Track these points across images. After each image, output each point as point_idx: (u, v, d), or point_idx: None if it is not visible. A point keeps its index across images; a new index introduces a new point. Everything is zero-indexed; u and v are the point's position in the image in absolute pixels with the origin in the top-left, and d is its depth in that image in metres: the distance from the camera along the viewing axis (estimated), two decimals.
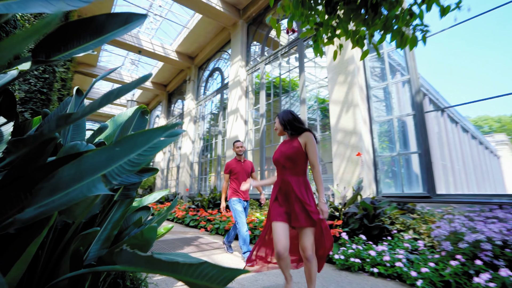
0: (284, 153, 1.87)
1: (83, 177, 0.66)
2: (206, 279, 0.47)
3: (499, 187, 15.96)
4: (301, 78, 6.04)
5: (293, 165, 1.83)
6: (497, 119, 39.08)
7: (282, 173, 1.88)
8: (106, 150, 0.67)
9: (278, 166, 1.92)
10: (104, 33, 0.92)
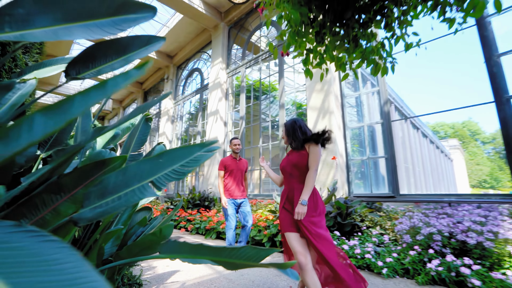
0: (290, 161, 1.84)
1: (130, 183, 0.81)
2: (244, 259, 0.65)
3: (451, 187, 17.73)
4: (281, 84, 6.32)
5: (299, 173, 1.80)
6: (451, 126, 43.09)
7: (289, 181, 1.86)
8: (150, 161, 0.83)
9: (285, 174, 1.90)
10: (128, 52, 1.05)
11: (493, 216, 2.57)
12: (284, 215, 1.81)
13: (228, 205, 3.15)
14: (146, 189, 0.77)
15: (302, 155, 1.81)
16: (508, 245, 2.14)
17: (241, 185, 3.30)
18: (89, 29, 0.81)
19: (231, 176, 3.25)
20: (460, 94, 72.67)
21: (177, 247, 0.77)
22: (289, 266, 0.67)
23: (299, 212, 1.66)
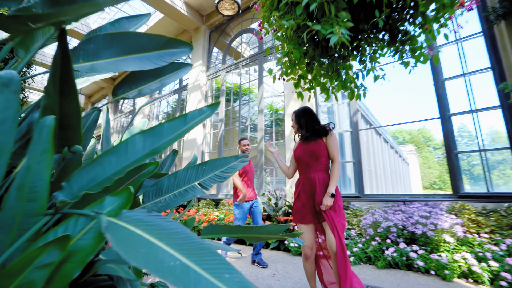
0: (307, 150, 1.82)
1: (180, 185, 1.08)
2: (268, 233, 0.96)
3: (407, 188, 19.63)
4: (260, 90, 6.69)
5: (316, 162, 1.78)
6: (409, 132, 47.13)
7: (305, 171, 1.83)
8: (195, 168, 1.11)
9: (301, 164, 1.86)
10: (162, 75, 1.32)
11: (435, 211, 3.18)
12: (298, 206, 1.82)
13: (239, 208, 3.07)
14: (196, 189, 1.05)
15: (319, 144, 1.79)
16: (444, 233, 2.72)
17: (253, 186, 3.29)
18: (141, 61, 1.08)
19: (245, 177, 3.18)
20: (418, 107, 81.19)
21: (215, 229, 1.05)
22: (299, 235, 1.01)
23: (327, 204, 1.66)
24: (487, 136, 22.70)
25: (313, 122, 1.89)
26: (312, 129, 1.86)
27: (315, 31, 1.40)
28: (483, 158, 3.76)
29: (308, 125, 1.88)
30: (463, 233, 2.76)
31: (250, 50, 7.30)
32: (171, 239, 0.62)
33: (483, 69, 3.78)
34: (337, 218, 1.69)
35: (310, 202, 1.79)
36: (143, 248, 0.55)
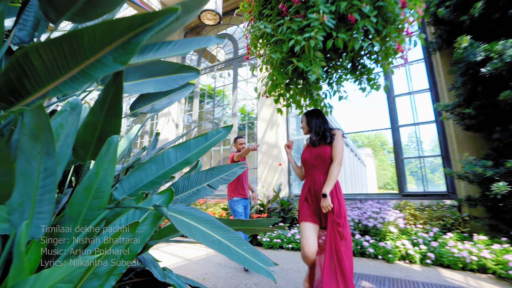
0: (314, 152, 1.83)
1: (193, 185, 1.36)
2: (260, 225, 1.28)
3: (364, 188, 21.41)
4: (234, 94, 6.98)
5: (322, 164, 1.78)
6: (367, 136, 50.87)
7: (311, 173, 1.83)
8: (205, 172, 1.39)
9: (308, 166, 1.86)
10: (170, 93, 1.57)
11: (384, 208, 3.79)
12: (304, 206, 1.79)
13: (238, 204, 3.06)
14: (206, 189, 1.33)
15: (325, 148, 1.80)
16: (390, 225, 3.31)
17: (247, 185, 3.26)
18: (158, 83, 1.34)
19: (241, 174, 3.13)
20: (375, 118, 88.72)
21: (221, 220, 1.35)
22: (285, 228, 1.35)
23: (325, 205, 1.63)
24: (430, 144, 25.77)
25: (323, 125, 1.89)
26: (321, 133, 1.86)
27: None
28: (421, 163, 4.53)
29: (317, 128, 1.88)
30: (404, 225, 3.38)
31: (226, 55, 7.54)
32: (206, 224, 0.94)
33: (424, 90, 4.55)
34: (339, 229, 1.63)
35: (315, 205, 1.76)
36: (192, 229, 0.86)
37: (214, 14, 4.05)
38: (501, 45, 2.69)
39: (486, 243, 2.72)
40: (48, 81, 0.57)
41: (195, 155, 1.13)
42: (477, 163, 2.96)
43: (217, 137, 1.17)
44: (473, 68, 3.09)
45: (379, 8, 1.56)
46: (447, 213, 3.57)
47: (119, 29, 0.49)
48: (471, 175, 3.03)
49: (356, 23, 1.56)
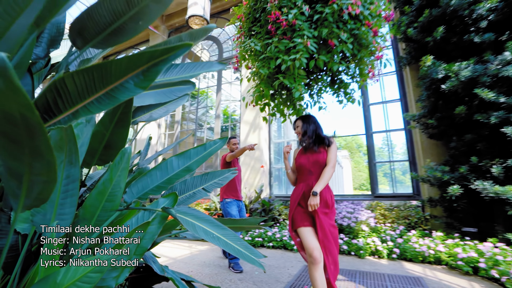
0: (311, 158, 1.82)
1: (189, 188, 1.50)
2: (249, 224, 1.45)
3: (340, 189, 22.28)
4: (218, 96, 7.09)
5: (319, 169, 1.79)
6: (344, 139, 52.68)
7: (307, 178, 1.82)
8: (200, 176, 1.54)
9: (304, 171, 1.84)
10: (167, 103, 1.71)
11: (357, 208, 4.12)
12: (298, 212, 1.77)
13: (231, 206, 2.99)
14: (201, 192, 1.48)
15: (322, 153, 1.81)
16: (362, 224, 3.62)
17: (241, 186, 3.21)
18: (158, 95, 1.48)
19: (236, 176, 3.07)
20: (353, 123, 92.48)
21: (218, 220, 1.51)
22: (270, 225, 1.54)
23: (312, 204, 1.64)
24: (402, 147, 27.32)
25: (317, 130, 1.91)
26: (317, 137, 1.87)
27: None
28: (392, 166, 4.95)
29: (314, 133, 1.88)
30: (374, 224, 3.71)
31: (210, 57, 7.62)
32: (206, 222, 1.10)
33: (395, 100, 4.97)
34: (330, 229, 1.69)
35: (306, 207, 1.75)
36: (196, 227, 1.02)
37: (202, 19, 4.16)
38: (457, 66, 3.08)
39: (442, 238, 3.10)
40: (77, 102, 0.71)
41: (195, 163, 1.28)
42: (437, 168, 3.34)
43: (214, 147, 1.33)
44: (435, 84, 3.48)
45: (355, 36, 1.80)
46: (412, 213, 3.96)
47: (142, 60, 0.65)
48: (432, 179, 3.41)
49: (335, 47, 1.78)
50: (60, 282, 0.80)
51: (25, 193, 0.74)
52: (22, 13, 0.69)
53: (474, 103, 3.05)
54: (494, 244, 2.57)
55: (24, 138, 0.58)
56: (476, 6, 3.09)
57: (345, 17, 1.68)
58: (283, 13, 1.77)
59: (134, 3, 0.90)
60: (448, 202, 3.27)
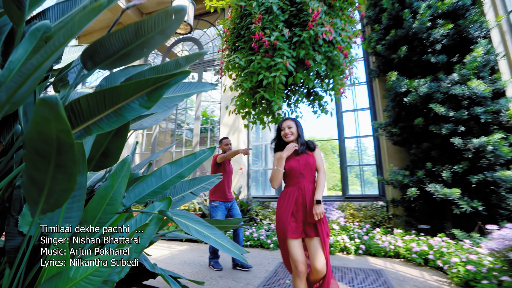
0: (301, 160, 1.80)
1: (178, 192, 1.65)
2: (231, 223, 1.63)
3: None
4: (198, 98, 7.15)
5: (310, 172, 1.79)
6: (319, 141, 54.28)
7: (298, 181, 1.77)
8: (188, 181, 1.69)
9: (295, 174, 1.79)
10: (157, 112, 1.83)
11: (329, 208, 4.44)
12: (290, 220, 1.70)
13: (217, 210, 2.96)
14: (189, 195, 1.63)
15: (311, 156, 1.81)
16: (333, 223, 3.94)
17: (231, 187, 3.15)
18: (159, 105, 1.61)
19: (223, 175, 2.99)
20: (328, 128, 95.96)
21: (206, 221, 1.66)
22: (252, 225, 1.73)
23: (318, 212, 1.62)
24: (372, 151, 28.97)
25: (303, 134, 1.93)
26: (305, 142, 1.89)
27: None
28: (361, 170, 5.37)
29: (303, 136, 1.91)
30: (344, 223, 4.04)
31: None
32: (197, 223, 1.27)
33: (365, 108, 5.40)
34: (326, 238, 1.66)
35: (301, 215, 1.70)
36: (189, 227, 1.18)
37: (186, 24, 4.24)
38: (416, 83, 3.49)
39: (401, 235, 3.49)
40: (88, 118, 0.85)
41: (187, 170, 1.43)
42: (399, 173, 3.74)
43: (203, 156, 1.49)
44: (399, 96, 3.88)
45: (328, 57, 2.05)
46: (378, 212, 4.36)
47: (148, 84, 0.81)
48: (395, 182, 3.81)
49: (311, 67, 2.01)
50: (73, 277, 0.93)
51: (44, 199, 0.86)
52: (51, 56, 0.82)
53: (430, 115, 3.48)
54: (442, 239, 2.97)
55: (53, 154, 0.72)
56: (433, 30, 3.52)
57: (320, 41, 1.92)
58: (266, 34, 1.97)
59: (141, 34, 1.04)
60: (407, 203, 3.68)
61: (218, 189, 2.98)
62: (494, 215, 3.00)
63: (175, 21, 1.02)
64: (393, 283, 2.38)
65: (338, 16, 2.13)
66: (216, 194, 2.98)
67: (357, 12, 2.31)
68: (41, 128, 0.66)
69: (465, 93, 3.13)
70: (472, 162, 3.12)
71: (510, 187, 2.93)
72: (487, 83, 3.18)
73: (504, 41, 3.37)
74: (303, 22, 1.99)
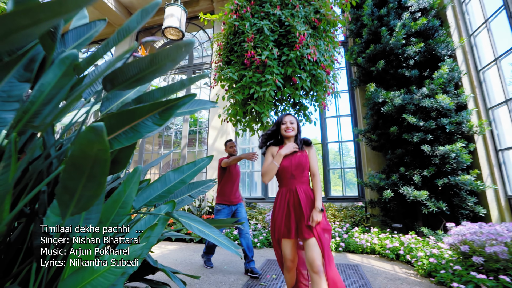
0: (293, 160, 1.75)
1: (178, 195, 1.83)
2: (225, 223, 1.83)
3: None
4: None
5: (301, 173, 1.75)
6: None
7: (289, 182, 1.76)
8: (187, 186, 1.87)
9: (285, 175, 1.77)
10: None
11: None
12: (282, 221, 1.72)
13: (220, 213, 2.99)
14: (188, 198, 1.81)
15: (304, 156, 1.76)
16: None
17: (238, 190, 3.10)
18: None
19: (228, 179, 3.01)
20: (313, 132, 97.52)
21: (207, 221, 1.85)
22: (242, 224, 1.92)
23: (317, 220, 1.60)
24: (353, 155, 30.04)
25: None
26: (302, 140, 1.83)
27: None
28: (342, 172, 5.71)
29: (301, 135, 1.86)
30: None
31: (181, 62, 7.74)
32: (198, 223, 1.46)
33: (347, 115, 5.75)
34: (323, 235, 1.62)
35: (293, 216, 1.70)
36: (192, 227, 1.38)
37: (178, 31, 4.39)
38: (392, 94, 3.84)
39: (377, 233, 3.81)
40: (111, 134, 1.04)
41: (188, 176, 1.61)
42: (376, 176, 4.08)
43: (202, 164, 1.68)
44: (377, 106, 4.23)
45: (313, 75, 2.30)
46: (357, 212, 4.69)
47: (160, 105, 1.01)
48: (372, 184, 4.14)
49: (298, 83, 2.25)
50: (97, 269, 1.10)
51: (74, 204, 1.04)
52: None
53: (404, 124, 3.83)
54: (412, 236, 3.31)
55: (88, 167, 0.90)
56: (407, 47, 3.88)
57: (306, 61, 2.16)
58: (257, 53, 2.19)
59: (155, 62, 1.23)
60: (383, 204, 4.02)
61: (222, 192, 3.00)
62: (456, 214, 3.38)
63: (185, 52, 1.23)
64: (368, 275, 2.67)
65: (321, 38, 2.38)
66: (220, 197, 2.99)
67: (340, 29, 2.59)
68: (85, 148, 0.84)
69: (434, 106, 3.50)
70: (439, 167, 3.49)
71: (469, 189, 3.32)
72: (451, 97, 3.57)
73: (466, 60, 3.78)
74: (291, 43, 2.23)
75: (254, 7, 2.34)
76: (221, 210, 2.98)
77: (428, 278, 2.50)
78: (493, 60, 3.48)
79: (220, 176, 3.07)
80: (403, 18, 4.04)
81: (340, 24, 2.59)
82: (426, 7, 4.06)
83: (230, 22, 2.38)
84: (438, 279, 2.26)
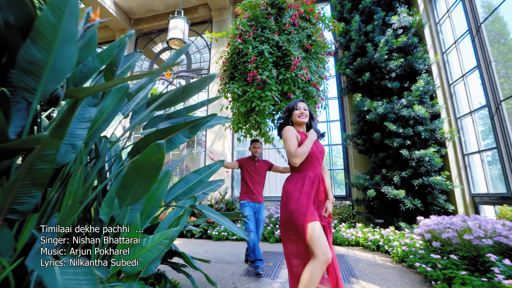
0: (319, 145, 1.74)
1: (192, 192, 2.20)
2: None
3: None
4: (185, 104, 7.58)
5: (322, 160, 1.71)
6: None
7: (315, 167, 1.67)
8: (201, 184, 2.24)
9: (313, 159, 1.68)
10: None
11: None
12: (309, 204, 1.55)
13: (244, 207, 2.98)
14: (201, 195, 2.19)
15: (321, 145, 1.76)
16: None
17: (259, 189, 3.09)
18: None
19: (248, 178, 3.04)
20: None
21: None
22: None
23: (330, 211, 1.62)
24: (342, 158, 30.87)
25: None
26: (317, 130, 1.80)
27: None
28: (332, 173, 6.17)
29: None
30: None
31: (179, 67, 8.04)
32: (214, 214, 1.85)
33: (336, 120, 6.21)
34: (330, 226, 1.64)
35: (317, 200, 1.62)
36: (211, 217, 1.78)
37: (182, 42, 4.74)
38: (376, 104, 4.30)
39: (361, 228, 4.26)
40: None
41: (205, 177, 1.99)
42: (361, 177, 4.53)
43: (215, 166, 2.06)
44: (363, 113, 4.68)
45: (305, 91, 2.71)
46: (345, 210, 5.14)
47: (190, 122, 1.40)
48: (358, 184, 4.59)
49: (292, 98, 2.66)
50: (145, 245, 1.47)
51: (130, 197, 1.41)
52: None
53: (386, 131, 4.30)
54: (391, 229, 3.77)
55: (144, 170, 1.27)
56: (389, 62, 4.35)
57: (299, 80, 2.57)
58: (258, 72, 2.59)
59: (187, 90, 1.62)
60: (367, 202, 4.47)
61: (243, 189, 3.10)
62: (429, 210, 3.86)
63: (208, 82, 1.63)
64: (351, 262, 3.10)
65: (313, 59, 2.80)
66: (243, 194, 3.07)
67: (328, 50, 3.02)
68: (147, 157, 1.22)
69: (411, 115, 3.97)
70: (415, 169, 3.97)
71: (440, 189, 3.80)
72: (427, 108, 4.05)
73: (440, 75, 4.28)
74: (287, 64, 2.64)
75: (256, 32, 2.74)
76: (244, 204, 3.01)
77: (401, 263, 2.95)
78: (461, 76, 3.98)
79: (242, 175, 3.15)
80: (386, 35, 4.52)
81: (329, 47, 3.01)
82: (407, 26, 4.54)
83: (235, 44, 2.77)
84: (408, 263, 2.70)
